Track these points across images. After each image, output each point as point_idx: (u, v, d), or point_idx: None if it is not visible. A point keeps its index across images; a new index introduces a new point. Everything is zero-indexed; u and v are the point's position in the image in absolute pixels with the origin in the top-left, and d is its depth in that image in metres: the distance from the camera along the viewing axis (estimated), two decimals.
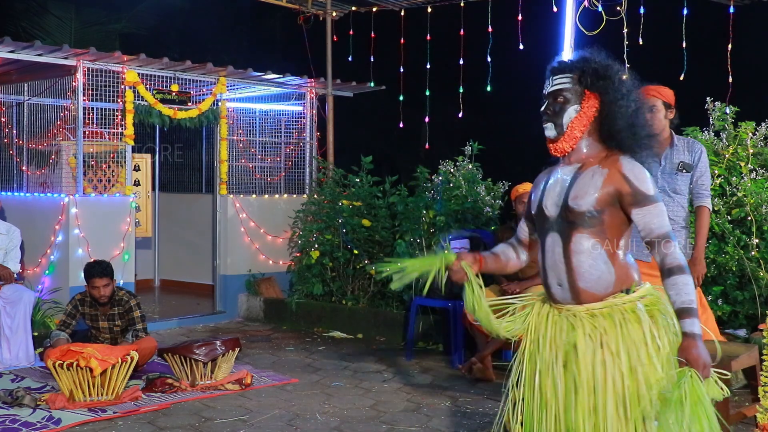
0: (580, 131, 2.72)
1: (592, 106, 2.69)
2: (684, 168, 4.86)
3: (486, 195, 7.45)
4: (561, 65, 2.76)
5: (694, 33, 6.97)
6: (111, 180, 7.64)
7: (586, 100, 2.70)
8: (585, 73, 2.69)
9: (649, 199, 2.59)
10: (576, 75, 2.70)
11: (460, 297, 6.31)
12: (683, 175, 4.88)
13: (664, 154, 4.93)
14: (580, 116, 2.70)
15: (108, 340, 6.02)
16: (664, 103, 4.87)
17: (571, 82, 2.71)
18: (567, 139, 2.76)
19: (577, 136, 2.73)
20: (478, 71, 8.30)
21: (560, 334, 2.67)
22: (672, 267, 2.53)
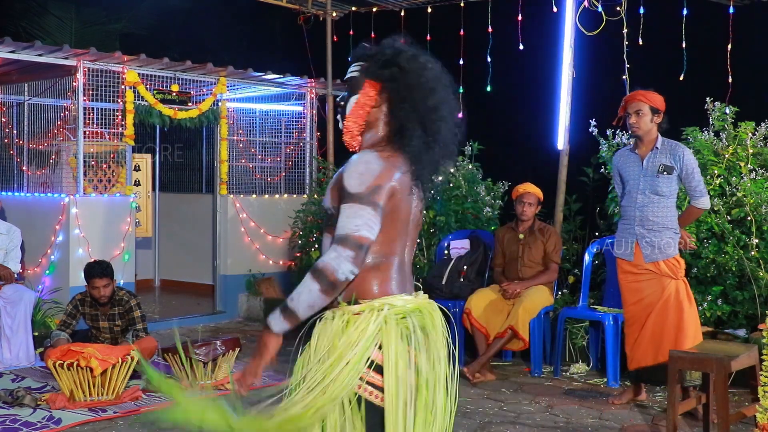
0: (354, 122, 2.44)
1: (370, 95, 2.42)
2: (665, 170, 4.95)
3: (486, 195, 7.46)
4: (355, 53, 2.51)
5: (694, 33, 6.96)
6: (111, 180, 7.65)
7: (365, 88, 2.43)
8: (369, 62, 2.44)
9: (348, 197, 2.26)
10: (364, 63, 2.46)
11: (460, 297, 6.34)
12: (664, 177, 4.96)
13: (646, 157, 5.02)
14: (356, 106, 2.43)
15: (108, 340, 6.02)
16: (651, 107, 4.96)
17: (359, 70, 2.46)
18: (345, 131, 2.47)
19: (352, 129, 2.45)
20: (478, 71, 8.29)
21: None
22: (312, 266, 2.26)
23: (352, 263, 2.23)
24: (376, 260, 2.34)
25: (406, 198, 2.36)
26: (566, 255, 6.95)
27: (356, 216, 2.24)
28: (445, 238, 6.96)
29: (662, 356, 4.90)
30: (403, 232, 2.40)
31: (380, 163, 2.31)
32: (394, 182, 2.31)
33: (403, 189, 2.35)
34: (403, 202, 2.35)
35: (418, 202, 2.44)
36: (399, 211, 2.35)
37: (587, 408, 5.17)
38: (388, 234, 2.34)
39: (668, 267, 4.99)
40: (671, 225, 5.02)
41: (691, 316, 4.97)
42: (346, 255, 2.22)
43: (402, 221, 2.38)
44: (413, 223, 2.45)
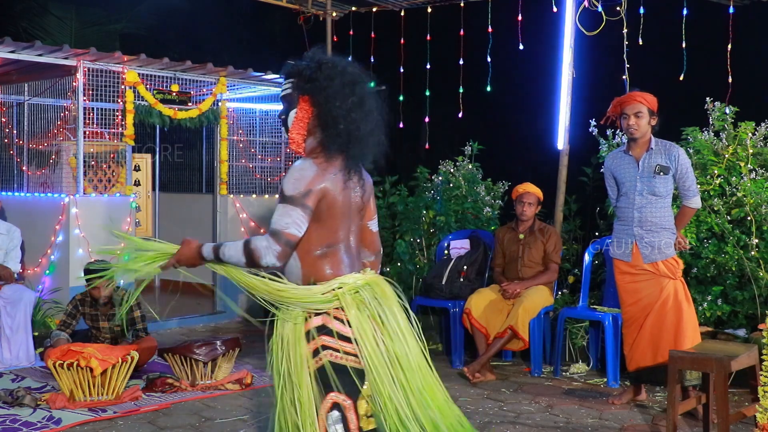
0: (298, 134, 2.80)
1: (305, 109, 2.79)
2: (661, 170, 4.97)
3: (486, 195, 7.45)
4: (285, 70, 2.88)
5: (694, 33, 6.96)
6: (111, 180, 7.65)
7: (300, 103, 2.80)
8: (298, 78, 2.80)
9: (283, 198, 2.67)
10: (294, 80, 2.82)
11: (460, 297, 6.34)
12: (661, 178, 4.97)
13: (642, 158, 5.03)
14: (296, 120, 2.80)
15: (108, 340, 6.02)
16: (649, 109, 4.98)
17: (291, 87, 2.82)
18: (291, 142, 2.84)
19: (297, 139, 2.81)
20: (478, 71, 8.29)
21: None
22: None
23: (277, 257, 2.65)
24: (325, 250, 2.75)
25: (342, 192, 2.74)
26: (566, 255, 6.95)
27: (287, 215, 2.64)
28: (445, 238, 6.97)
29: (661, 356, 4.91)
30: (344, 222, 2.78)
31: (313, 170, 2.69)
32: (325, 184, 2.69)
33: (337, 186, 2.72)
34: (339, 196, 2.73)
35: (359, 189, 2.83)
36: (336, 206, 2.73)
37: (587, 408, 5.17)
38: (330, 227, 2.74)
39: (667, 267, 5.00)
40: (669, 225, 5.03)
41: (690, 317, 4.97)
42: (274, 249, 2.64)
43: (341, 213, 2.75)
44: (354, 209, 2.82)
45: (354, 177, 2.78)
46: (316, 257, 2.74)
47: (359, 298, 2.74)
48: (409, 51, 9.02)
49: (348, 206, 2.78)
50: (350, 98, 2.74)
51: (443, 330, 6.84)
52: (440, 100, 9.19)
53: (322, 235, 2.73)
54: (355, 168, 2.79)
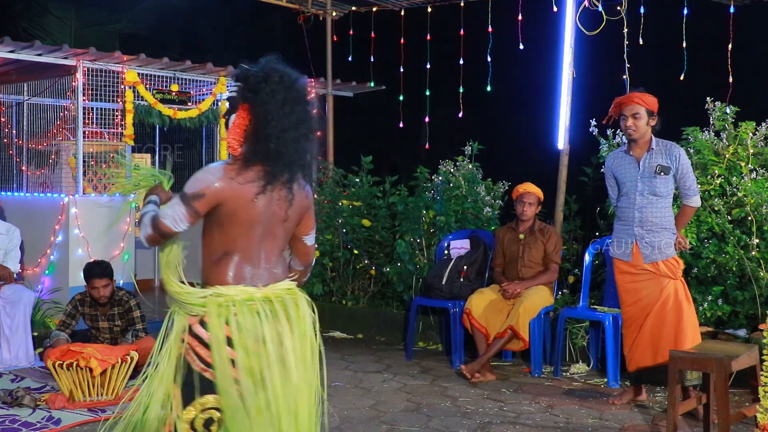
0: (233, 139, 2.80)
1: (243, 116, 2.77)
2: (662, 171, 4.97)
3: (486, 195, 7.45)
4: (234, 74, 2.87)
5: (694, 33, 6.96)
6: (111, 180, 7.64)
7: (239, 110, 2.78)
8: (244, 84, 2.78)
9: (181, 191, 2.74)
10: (240, 84, 2.80)
11: (460, 297, 6.34)
12: (662, 178, 4.97)
13: (642, 158, 5.03)
14: (233, 125, 2.80)
15: (108, 341, 6.01)
16: (647, 110, 4.96)
17: (236, 91, 2.81)
18: (228, 146, 2.86)
19: (232, 144, 2.80)
20: (478, 71, 8.29)
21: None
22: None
23: (146, 239, 2.76)
24: (221, 256, 2.74)
25: (250, 203, 2.69)
26: (566, 255, 6.94)
27: (171, 207, 2.71)
28: (445, 238, 6.96)
29: (661, 357, 4.90)
30: (248, 232, 2.73)
31: (217, 175, 2.69)
32: (224, 192, 2.67)
33: (243, 196, 2.68)
34: (243, 208, 2.69)
35: (283, 203, 2.76)
36: (237, 215, 2.70)
37: (587, 408, 5.17)
38: (230, 234, 2.73)
39: (667, 267, 4.99)
40: (669, 225, 5.03)
41: (690, 317, 4.97)
42: (146, 232, 2.74)
43: (244, 223, 2.72)
44: (273, 221, 2.76)
45: (276, 190, 2.73)
46: (213, 261, 2.75)
47: (230, 310, 2.68)
48: (409, 51, 9.02)
49: (258, 217, 2.72)
50: (287, 118, 2.72)
51: (443, 330, 6.84)
52: (440, 100, 9.20)
53: (221, 242, 2.73)
54: (278, 182, 2.74)
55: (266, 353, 2.67)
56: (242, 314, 2.67)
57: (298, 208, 2.84)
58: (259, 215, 2.73)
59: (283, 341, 2.71)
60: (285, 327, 2.73)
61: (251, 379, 2.65)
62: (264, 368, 2.67)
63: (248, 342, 2.65)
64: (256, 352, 2.66)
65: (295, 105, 2.75)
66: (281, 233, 2.83)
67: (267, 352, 2.67)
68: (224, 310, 2.68)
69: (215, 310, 2.68)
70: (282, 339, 2.71)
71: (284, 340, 2.71)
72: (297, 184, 2.80)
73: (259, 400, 2.65)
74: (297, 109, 2.75)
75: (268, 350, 2.67)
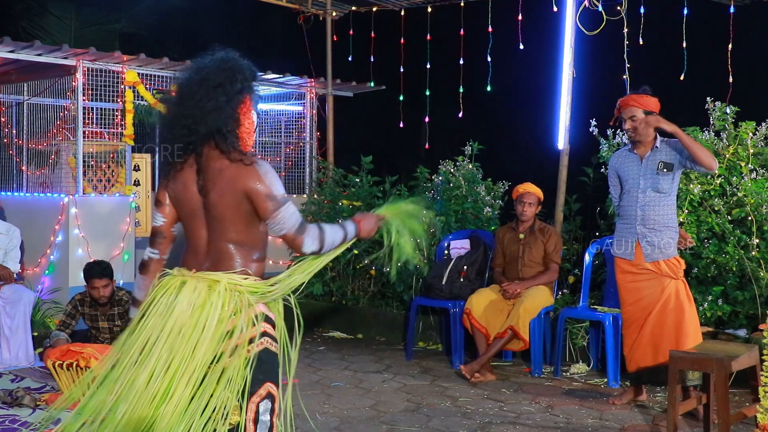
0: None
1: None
2: (665, 167, 4.96)
3: (486, 195, 7.45)
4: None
5: (694, 33, 6.96)
6: (111, 180, 7.64)
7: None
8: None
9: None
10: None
11: (460, 297, 6.34)
12: (665, 175, 4.96)
13: (646, 156, 5.03)
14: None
15: (108, 341, 6.01)
16: (645, 111, 4.95)
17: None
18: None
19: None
20: (478, 71, 8.29)
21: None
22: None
23: (147, 246, 3.00)
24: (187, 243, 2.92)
25: (183, 190, 2.84)
26: (566, 255, 6.94)
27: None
28: (445, 238, 6.96)
29: (662, 357, 4.90)
30: (186, 222, 2.88)
31: (164, 172, 2.94)
32: (166, 184, 2.89)
33: (177, 185, 2.85)
34: (181, 195, 2.85)
35: (196, 187, 2.82)
36: (179, 204, 2.87)
37: (587, 408, 5.17)
38: (182, 224, 2.92)
39: (668, 267, 4.99)
40: (672, 224, 5.02)
41: (691, 317, 4.96)
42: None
43: (184, 212, 2.87)
44: (207, 206, 2.79)
45: (182, 174, 2.84)
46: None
47: (159, 292, 2.81)
48: (409, 51, 9.02)
49: (189, 204, 2.83)
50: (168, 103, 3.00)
51: (443, 330, 6.84)
52: (440, 100, 9.20)
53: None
54: (176, 165, 2.85)
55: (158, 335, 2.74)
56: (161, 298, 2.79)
57: (219, 192, 2.77)
58: (183, 204, 2.86)
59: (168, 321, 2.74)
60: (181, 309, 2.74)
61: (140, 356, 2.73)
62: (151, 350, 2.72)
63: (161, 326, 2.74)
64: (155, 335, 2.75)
65: (172, 95, 2.94)
66: (213, 221, 2.80)
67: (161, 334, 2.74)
68: (159, 290, 2.83)
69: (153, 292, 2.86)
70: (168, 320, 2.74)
71: (169, 321, 2.74)
72: (212, 166, 2.78)
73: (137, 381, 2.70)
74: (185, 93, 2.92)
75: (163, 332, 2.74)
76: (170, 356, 2.68)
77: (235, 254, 2.80)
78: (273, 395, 2.81)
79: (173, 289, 2.77)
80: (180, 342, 2.69)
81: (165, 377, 2.67)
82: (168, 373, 2.67)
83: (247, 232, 2.81)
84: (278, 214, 2.79)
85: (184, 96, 2.89)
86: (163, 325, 2.72)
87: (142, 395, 2.66)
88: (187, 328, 2.70)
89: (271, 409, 2.79)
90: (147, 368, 2.68)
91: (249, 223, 2.81)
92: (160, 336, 2.71)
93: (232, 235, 2.80)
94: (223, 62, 2.87)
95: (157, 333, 2.72)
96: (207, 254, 2.82)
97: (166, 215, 2.92)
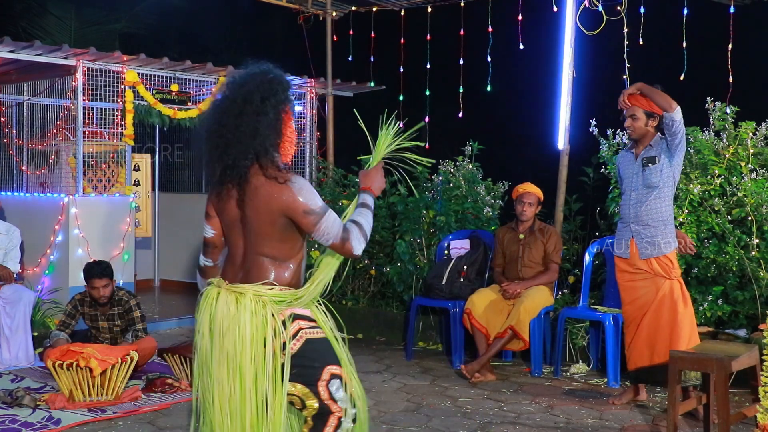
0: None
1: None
2: (648, 162, 4.99)
3: (486, 195, 7.45)
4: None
5: (694, 33, 6.96)
6: (111, 180, 7.64)
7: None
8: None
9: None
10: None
11: (460, 297, 6.34)
12: (651, 168, 4.97)
13: (639, 155, 5.07)
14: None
15: (108, 340, 6.01)
16: (646, 111, 4.97)
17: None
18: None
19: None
20: (478, 71, 8.29)
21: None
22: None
23: (200, 253, 3.14)
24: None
25: (224, 203, 2.91)
26: (566, 255, 6.94)
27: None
28: (445, 238, 6.96)
29: (657, 357, 4.91)
30: (228, 231, 2.96)
31: (210, 185, 3.01)
32: (210, 200, 2.99)
33: (220, 198, 2.91)
34: (221, 207, 2.93)
35: (232, 201, 2.89)
36: (221, 215, 2.96)
37: (587, 408, 5.17)
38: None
39: (660, 266, 4.98)
40: (666, 218, 5.00)
41: (686, 317, 4.95)
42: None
43: (225, 223, 2.96)
44: (244, 220, 2.87)
45: (225, 191, 2.89)
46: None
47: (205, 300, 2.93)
48: (409, 51, 9.01)
49: (225, 218, 2.94)
50: (205, 123, 2.95)
51: (443, 330, 6.84)
52: (440, 100, 9.19)
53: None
54: (218, 183, 2.89)
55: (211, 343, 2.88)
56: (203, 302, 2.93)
57: (256, 209, 2.83)
58: (225, 217, 2.94)
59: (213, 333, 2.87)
60: (222, 320, 2.84)
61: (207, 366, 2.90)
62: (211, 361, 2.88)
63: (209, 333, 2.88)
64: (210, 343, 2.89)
65: (213, 110, 2.92)
66: (251, 235, 2.87)
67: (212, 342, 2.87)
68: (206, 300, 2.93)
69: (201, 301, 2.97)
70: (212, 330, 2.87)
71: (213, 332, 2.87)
72: (250, 183, 2.82)
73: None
74: (213, 113, 2.91)
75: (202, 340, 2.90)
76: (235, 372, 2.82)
77: (268, 267, 2.87)
78: (337, 374, 2.89)
79: (212, 301, 2.89)
80: (235, 356, 2.81)
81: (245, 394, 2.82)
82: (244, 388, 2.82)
83: (281, 246, 2.87)
84: (321, 225, 2.83)
85: (226, 113, 2.86)
86: (212, 340, 2.86)
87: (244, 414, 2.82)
88: (229, 341, 2.82)
89: (341, 385, 2.88)
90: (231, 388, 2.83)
91: (284, 239, 2.87)
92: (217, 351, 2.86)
93: (266, 249, 2.86)
94: (263, 75, 2.88)
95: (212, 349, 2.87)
96: (242, 265, 2.90)
97: (215, 227, 3.03)
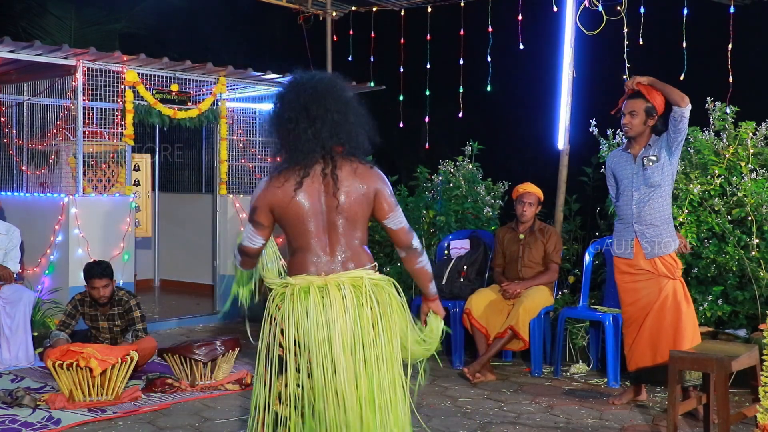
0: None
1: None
2: (649, 161, 4.97)
3: (486, 195, 7.45)
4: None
5: (694, 33, 6.96)
6: (111, 180, 7.64)
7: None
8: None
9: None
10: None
11: (460, 297, 6.33)
12: (651, 168, 4.95)
13: (638, 155, 5.05)
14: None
15: (108, 340, 6.01)
16: (645, 108, 4.95)
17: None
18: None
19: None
20: (478, 71, 8.29)
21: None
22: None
23: (239, 264, 3.15)
24: (294, 251, 3.01)
25: (293, 201, 2.92)
26: (566, 255, 6.94)
27: (245, 229, 3.07)
28: (445, 238, 6.96)
29: (660, 357, 4.90)
30: (305, 228, 2.95)
31: (261, 188, 2.99)
32: (267, 198, 2.95)
33: (283, 198, 2.92)
34: (292, 206, 2.92)
35: (322, 192, 2.93)
36: (289, 215, 2.94)
37: (587, 408, 5.17)
38: (290, 232, 2.99)
39: (665, 266, 4.98)
40: (668, 217, 5.00)
41: (689, 317, 4.96)
42: (236, 257, 3.11)
43: (301, 220, 2.94)
44: (322, 212, 2.93)
45: (314, 182, 2.92)
46: (291, 257, 3.04)
47: (296, 296, 2.93)
48: (409, 51, 9.02)
49: (306, 212, 2.93)
50: (284, 114, 2.99)
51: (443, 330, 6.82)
52: (440, 100, 9.19)
53: (290, 239, 3.01)
54: (307, 174, 2.92)
55: (316, 338, 2.88)
56: (297, 300, 2.90)
57: (353, 193, 2.94)
58: (305, 210, 2.92)
59: (331, 327, 2.87)
60: (337, 313, 2.88)
61: (323, 362, 2.88)
62: (338, 355, 2.88)
63: (298, 325, 2.88)
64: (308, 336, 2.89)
65: (287, 99, 2.98)
66: (343, 221, 2.95)
67: (317, 337, 2.87)
68: (294, 297, 2.92)
69: (281, 298, 2.96)
70: (330, 325, 2.88)
71: (332, 326, 2.87)
72: (343, 170, 2.92)
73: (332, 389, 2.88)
74: (291, 104, 2.96)
75: (317, 335, 2.87)
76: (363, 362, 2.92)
77: (362, 252, 3.01)
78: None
79: (318, 297, 2.91)
80: (366, 346, 2.92)
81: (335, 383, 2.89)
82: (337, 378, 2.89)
83: (365, 230, 3.04)
84: (397, 209, 3.04)
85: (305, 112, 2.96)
86: (329, 335, 2.88)
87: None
88: (356, 331, 2.90)
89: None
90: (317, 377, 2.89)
91: (367, 223, 3.03)
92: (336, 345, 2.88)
93: (358, 233, 2.99)
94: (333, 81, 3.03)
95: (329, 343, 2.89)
96: (333, 256, 2.97)
97: (266, 238, 3.05)
